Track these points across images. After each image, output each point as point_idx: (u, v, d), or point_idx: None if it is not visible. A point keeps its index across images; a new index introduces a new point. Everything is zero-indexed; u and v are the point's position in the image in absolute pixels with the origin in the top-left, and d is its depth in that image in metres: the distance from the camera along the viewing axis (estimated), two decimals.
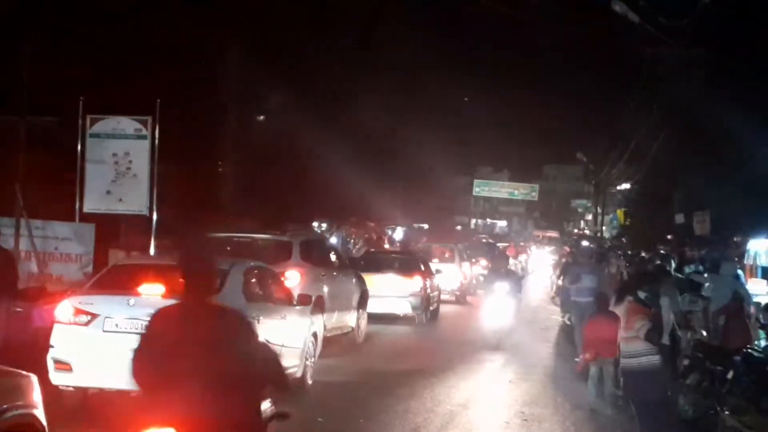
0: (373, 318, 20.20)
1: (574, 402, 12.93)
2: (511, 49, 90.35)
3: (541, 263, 53.46)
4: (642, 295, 9.72)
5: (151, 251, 17.12)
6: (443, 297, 26.84)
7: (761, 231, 19.35)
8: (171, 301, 9.77)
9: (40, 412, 6.39)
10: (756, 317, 14.58)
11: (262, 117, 35.54)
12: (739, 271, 18.13)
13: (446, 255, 31.25)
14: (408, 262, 24.25)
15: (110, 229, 19.52)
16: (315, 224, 36.33)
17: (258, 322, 10.64)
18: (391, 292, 21.88)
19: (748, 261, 20.38)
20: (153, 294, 10.10)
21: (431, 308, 23.91)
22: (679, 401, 11.23)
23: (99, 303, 10.63)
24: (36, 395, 6.44)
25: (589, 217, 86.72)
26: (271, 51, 31.69)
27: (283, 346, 11.62)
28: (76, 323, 10.56)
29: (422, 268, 24.02)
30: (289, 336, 12.26)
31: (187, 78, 25.81)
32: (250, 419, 4.94)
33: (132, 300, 10.40)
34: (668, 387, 9.66)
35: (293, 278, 15.40)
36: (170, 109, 18.32)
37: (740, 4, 26.34)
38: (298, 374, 12.51)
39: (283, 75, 32.73)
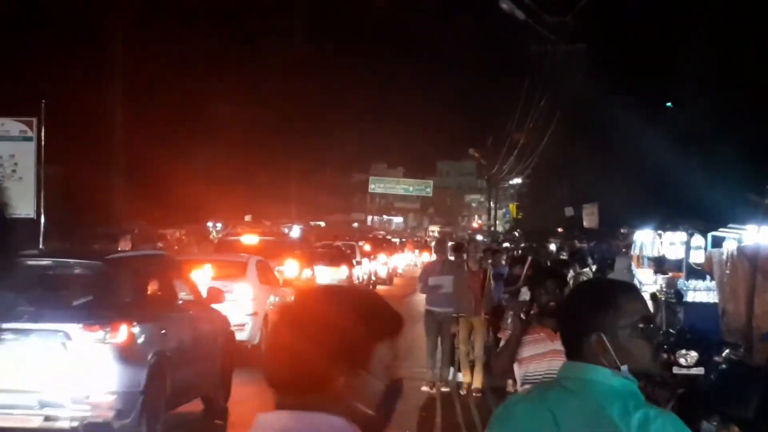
0: None
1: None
2: (404, 47, 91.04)
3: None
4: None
5: None
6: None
7: (647, 222, 19.87)
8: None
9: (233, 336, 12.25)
10: None
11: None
12: (633, 264, 18.65)
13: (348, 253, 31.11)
14: (337, 254, 29.24)
15: None
16: (210, 224, 35.97)
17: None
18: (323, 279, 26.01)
19: (634, 251, 20.90)
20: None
21: None
22: None
23: None
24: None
25: (478, 214, 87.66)
26: (157, 49, 31.33)
27: None
28: None
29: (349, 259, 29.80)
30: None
31: (72, 78, 25.34)
32: None
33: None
34: None
35: (292, 267, 21.37)
36: (56, 110, 17.92)
37: (618, 1, 27.13)
38: None
39: (173, 72, 32.38)
